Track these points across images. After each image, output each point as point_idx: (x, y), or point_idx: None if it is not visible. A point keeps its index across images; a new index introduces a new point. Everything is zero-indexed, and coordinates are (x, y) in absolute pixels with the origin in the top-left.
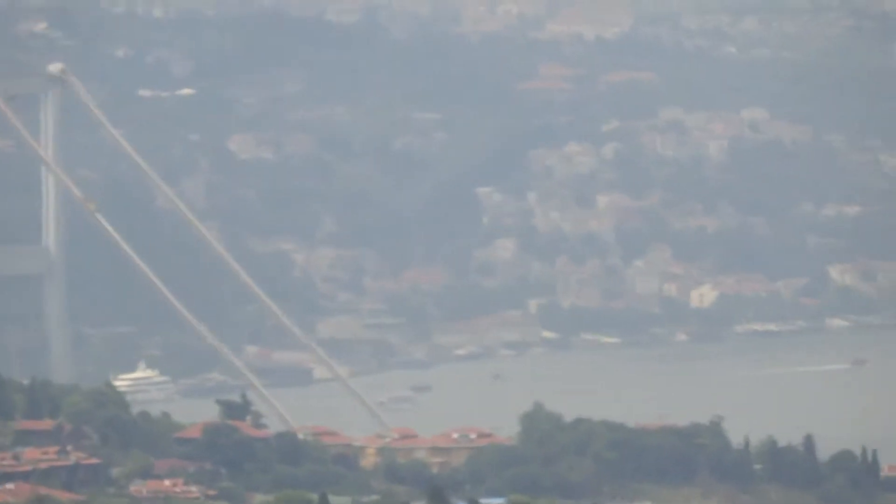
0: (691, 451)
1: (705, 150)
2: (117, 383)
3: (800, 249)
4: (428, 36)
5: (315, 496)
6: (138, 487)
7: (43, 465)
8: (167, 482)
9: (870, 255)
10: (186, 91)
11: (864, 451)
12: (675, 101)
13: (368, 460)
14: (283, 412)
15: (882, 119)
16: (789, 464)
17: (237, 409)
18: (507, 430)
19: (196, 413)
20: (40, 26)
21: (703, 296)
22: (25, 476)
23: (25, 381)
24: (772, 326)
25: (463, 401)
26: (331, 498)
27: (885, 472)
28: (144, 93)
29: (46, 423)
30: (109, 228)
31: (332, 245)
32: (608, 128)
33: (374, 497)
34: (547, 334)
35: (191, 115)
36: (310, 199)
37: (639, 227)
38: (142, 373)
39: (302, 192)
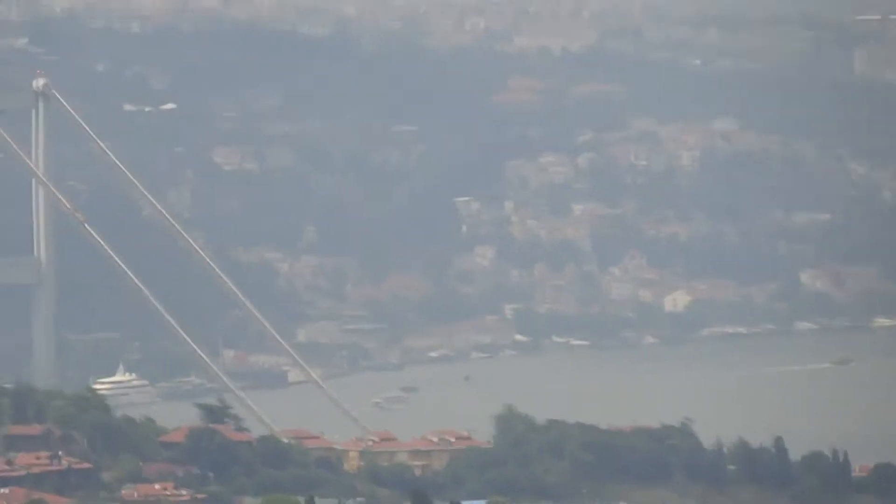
0: (664, 453)
1: (678, 161)
2: (97, 387)
3: (771, 255)
4: (398, 49)
5: (301, 499)
6: (129, 491)
7: (36, 470)
8: (157, 486)
9: (839, 261)
10: (169, 105)
11: (834, 451)
12: (646, 112)
13: (351, 463)
14: (262, 416)
15: (849, 128)
16: (761, 464)
17: (216, 413)
18: (480, 431)
19: (175, 416)
20: (21, 42)
21: (677, 300)
22: (20, 481)
23: (10, 386)
24: (741, 329)
25: (435, 403)
26: (317, 501)
27: (856, 472)
28: (128, 107)
29: (35, 428)
30: (98, 238)
31: (315, 254)
32: (582, 139)
33: (360, 500)
34: (519, 337)
35: (174, 129)
36: (292, 210)
37: (613, 234)
38: (121, 377)
39: (284, 202)
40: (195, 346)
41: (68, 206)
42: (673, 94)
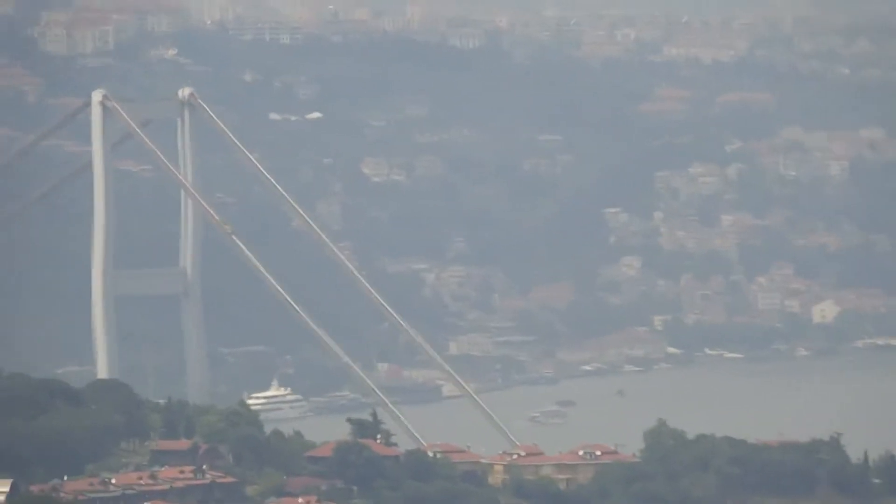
0: (811, 466)
1: (826, 170)
2: (251, 402)
3: None
4: (549, 60)
5: None
6: None
7: (179, 485)
8: (301, 500)
9: None
10: (315, 115)
11: None
12: (793, 121)
13: (496, 477)
14: (412, 430)
15: None
16: None
17: (368, 428)
18: (631, 445)
19: (327, 431)
20: (170, 53)
21: (825, 311)
22: (163, 495)
23: (161, 402)
24: (893, 341)
25: (588, 417)
26: None
27: None
28: (274, 116)
29: (182, 443)
30: (246, 250)
31: (462, 264)
32: (731, 148)
33: None
34: (671, 350)
35: (321, 139)
36: (440, 220)
37: (762, 244)
38: (275, 391)
39: (433, 213)
40: (349, 361)
41: (217, 217)
42: (820, 103)
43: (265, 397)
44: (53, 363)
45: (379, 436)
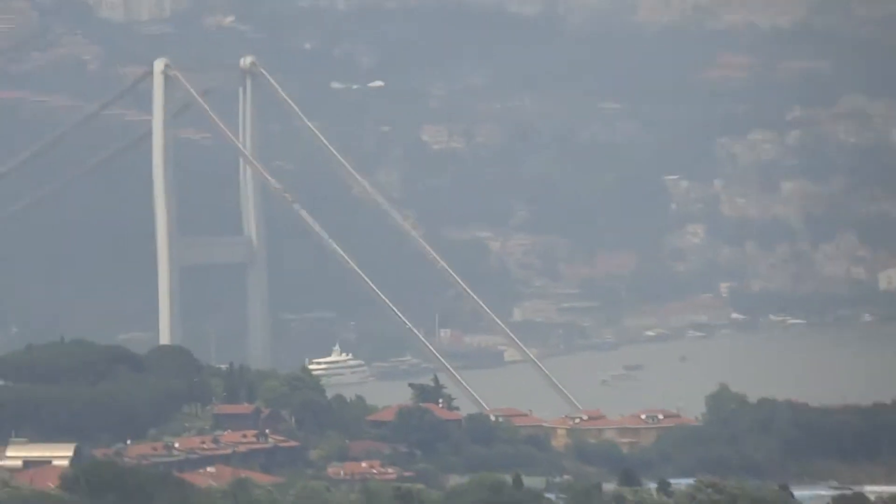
0: (874, 430)
1: (887, 137)
2: (312, 367)
3: None
4: (606, 26)
5: (508, 477)
6: (336, 469)
7: (242, 449)
8: (364, 464)
9: None
10: (377, 83)
11: None
12: (854, 88)
13: (559, 441)
14: (474, 394)
15: None
16: None
17: (429, 392)
18: (694, 409)
19: (389, 396)
20: (228, 20)
21: (892, 277)
22: (225, 459)
23: (223, 367)
24: None
25: (651, 382)
26: (524, 479)
27: None
28: (336, 85)
29: (244, 408)
30: (308, 218)
31: (525, 232)
32: (791, 116)
33: (567, 477)
34: (735, 316)
35: (382, 107)
36: (500, 188)
37: (823, 211)
38: (336, 357)
39: (492, 181)
40: (411, 326)
41: (276, 185)
42: (881, 70)
43: (327, 363)
44: (116, 330)
45: (441, 400)
